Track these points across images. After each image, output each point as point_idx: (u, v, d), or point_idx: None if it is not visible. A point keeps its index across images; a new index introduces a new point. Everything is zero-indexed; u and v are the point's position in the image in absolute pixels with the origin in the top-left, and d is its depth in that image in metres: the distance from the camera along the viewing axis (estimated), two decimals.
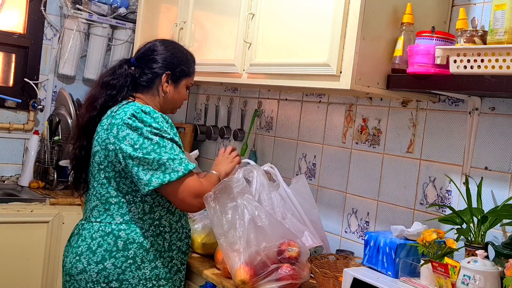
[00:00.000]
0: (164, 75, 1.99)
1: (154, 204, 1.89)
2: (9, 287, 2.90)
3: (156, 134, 1.80)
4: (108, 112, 1.92)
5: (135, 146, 1.79)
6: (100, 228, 1.88)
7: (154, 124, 1.81)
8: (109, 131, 1.85)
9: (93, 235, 1.88)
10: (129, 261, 1.85)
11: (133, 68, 2.00)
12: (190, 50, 2.13)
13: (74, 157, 2.00)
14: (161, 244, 1.90)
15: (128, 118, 1.82)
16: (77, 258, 1.88)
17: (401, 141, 2.18)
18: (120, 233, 1.86)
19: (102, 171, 1.88)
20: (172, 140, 1.83)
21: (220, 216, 1.88)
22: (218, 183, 1.93)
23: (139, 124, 1.80)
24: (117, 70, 1.99)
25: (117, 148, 1.82)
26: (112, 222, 1.87)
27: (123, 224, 1.86)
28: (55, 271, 3.03)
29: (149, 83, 1.99)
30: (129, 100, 1.95)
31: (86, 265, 1.85)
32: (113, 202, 1.88)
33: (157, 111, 1.87)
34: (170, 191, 1.81)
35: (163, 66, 1.99)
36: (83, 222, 1.97)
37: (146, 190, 1.79)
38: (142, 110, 1.83)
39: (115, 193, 1.87)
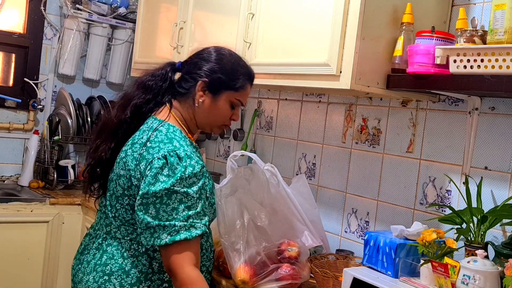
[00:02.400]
0: (200, 82, 1.73)
1: None
2: (9, 287, 2.90)
3: (168, 190, 1.55)
4: (144, 137, 1.69)
5: (143, 191, 1.58)
6: (132, 247, 1.68)
7: (179, 174, 1.57)
8: (138, 162, 1.64)
9: (125, 254, 1.68)
10: (164, 285, 1.69)
11: (176, 72, 1.80)
12: (249, 66, 1.86)
13: (97, 158, 1.77)
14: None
15: (158, 158, 1.59)
16: (106, 278, 1.67)
17: (401, 141, 2.18)
18: (155, 254, 1.67)
19: (127, 197, 1.67)
20: (185, 194, 1.57)
21: (220, 216, 1.88)
22: None
23: (164, 172, 1.57)
24: (158, 71, 1.80)
25: (136, 184, 1.63)
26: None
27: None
28: (55, 271, 3.03)
29: (186, 89, 1.76)
30: (162, 120, 1.72)
31: (118, 286, 1.65)
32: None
33: (194, 157, 1.62)
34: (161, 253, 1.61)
35: (203, 73, 1.74)
36: (104, 235, 1.74)
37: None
38: (176, 154, 1.60)
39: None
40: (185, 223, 1.56)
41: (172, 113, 1.76)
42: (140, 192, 1.58)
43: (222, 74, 1.74)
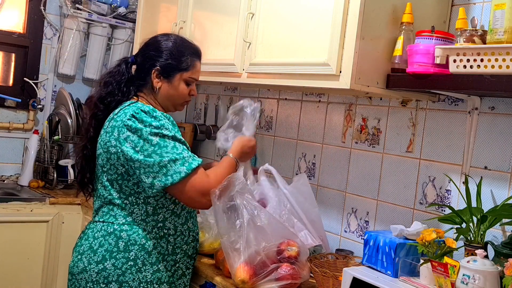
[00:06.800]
0: (153, 70, 1.94)
1: (157, 206, 1.87)
2: (9, 287, 2.90)
3: (156, 134, 1.77)
4: (111, 114, 1.91)
5: (136, 149, 1.77)
6: (103, 228, 1.87)
7: (154, 123, 1.78)
8: (110, 133, 1.84)
9: (96, 235, 1.87)
10: (129, 263, 1.83)
11: (132, 65, 1.99)
12: (195, 44, 2.06)
13: (81, 157, 1.99)
14: (164, 247, 1.88)
15: (128, 119, 1.80)
16: (79, 257, 1.88)
17: (400, 140, 2.18)
18: (121, 233, 1.84)
19: (105, 174, 1.87)
20: (174, 138, 1.80)
21: (220, 215, 1.88)
22: (233, 169, 1.92)
23: (139, 125, 1.78)
24: (114, 68, 2.00)
25: (119, 151, 1.81)
26: (114, 222, 1.86)
27: (125, 225, 1.85)
28: (55, 270, 3.03)
29: (142, 80, 1.96)
30: (133, 101, 1.93)
31: (86, 265, 1.84)
32: (116, 203, 1.87)
33: (157, 110, 1.86)
34: (176, 192, 1.80)
35: (152, 61, 1.95)
36: (90, 222, 1.98)
37: (150, 192, 1.80)
38: (141, 110, 1.81)
39: (118, 195, 1.86)
40: (188, 154, 1.79)
41: (140, 100, 1.95)
42: (134, 150, 1.76)
43: (171, 59, 1.94)
